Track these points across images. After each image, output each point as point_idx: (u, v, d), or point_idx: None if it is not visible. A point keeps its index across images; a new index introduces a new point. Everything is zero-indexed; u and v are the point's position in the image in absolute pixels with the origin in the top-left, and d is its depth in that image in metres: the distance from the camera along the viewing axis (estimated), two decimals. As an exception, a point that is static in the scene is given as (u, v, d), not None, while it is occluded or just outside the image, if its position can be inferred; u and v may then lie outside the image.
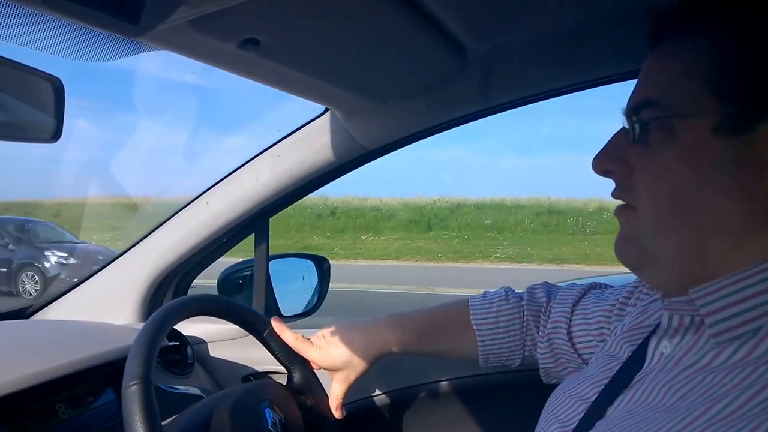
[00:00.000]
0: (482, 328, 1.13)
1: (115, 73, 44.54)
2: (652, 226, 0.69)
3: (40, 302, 1.61)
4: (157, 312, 1.03)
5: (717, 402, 0.60)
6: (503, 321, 1.12)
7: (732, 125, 0.63)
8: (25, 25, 0.72)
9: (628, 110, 0.72)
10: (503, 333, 1.12)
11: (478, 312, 1.14)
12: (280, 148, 1.43)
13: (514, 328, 1.12)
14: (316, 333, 1.22)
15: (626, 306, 0.97)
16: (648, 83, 0.71)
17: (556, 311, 1.08)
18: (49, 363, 1.10)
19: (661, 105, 0.68)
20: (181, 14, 0.77)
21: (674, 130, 0.66)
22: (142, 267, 1.54)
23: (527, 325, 1.12)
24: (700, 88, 0.65)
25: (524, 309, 1.13)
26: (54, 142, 0.85)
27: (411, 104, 1.30)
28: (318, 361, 1.19)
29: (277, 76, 1.09)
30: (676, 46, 0.70)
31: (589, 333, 1.02)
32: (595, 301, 1.04)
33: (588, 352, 1.02)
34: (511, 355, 1.14)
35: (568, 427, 0.79)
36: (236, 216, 1.48)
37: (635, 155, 0.71)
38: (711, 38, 0.66)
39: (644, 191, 0.70)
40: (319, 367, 1.21)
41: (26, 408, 1.05)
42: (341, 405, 1.20)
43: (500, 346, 1.13)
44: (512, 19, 1.01)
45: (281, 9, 0.82)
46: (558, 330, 1.06)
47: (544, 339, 1.09)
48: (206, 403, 1.07)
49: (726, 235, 0.65)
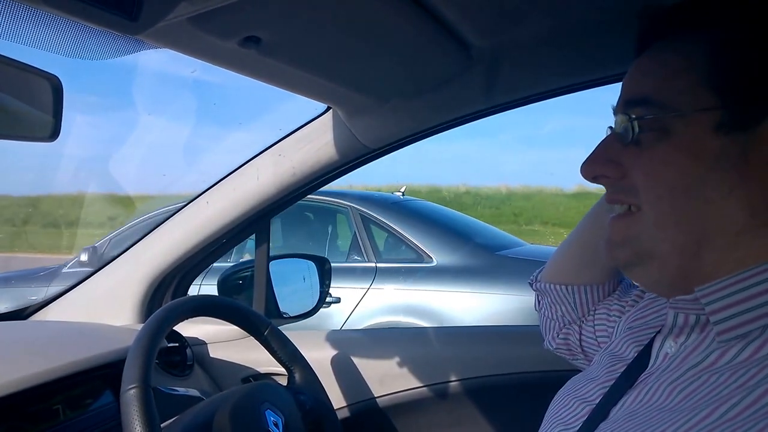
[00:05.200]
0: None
1: (113, 68, 44.68)
2: (652, 224, 0.68)
3: (39, 303, 1.61)
4: (156, 313, 1.03)
5: (723, 403, 0.59)
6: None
7: (735, 122, 0.63)
8: (23, 23, 0.72)
9: (622, 108, 0.71)
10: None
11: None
12: (281, 147, 1.42)
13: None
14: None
15: (641, 299, 0.95)
16: (642, 80, 0.71)
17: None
18: (47, 364, 1.10)
19: (658, 103, 0.67)
20: (181, 11, 0.76)
21: (673, 128, 0.66)
22: (142, 267, 1.54)
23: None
24: (700, 86, 0.64)
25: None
26: (52, 141, 0.85)
27: (414, 103, 1.30)
28: None
29: (279, 74, 1.08)
30: (669, 46, 0.69)
31: (606, 329, 1.00)
32: (619, 294, 1.03)
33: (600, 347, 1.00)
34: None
35: (571, 429, 0.78)
36: (237, 216, 1.47)
37: (629, 156, 0.70)
38: (709, 35, 0.65)
39: (643, 188, 0.69)
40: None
41: (24, 409, 1.04)
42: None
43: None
44: (517, 17, 1.01)
45: (282, 6, 0.81)
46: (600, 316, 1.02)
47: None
48: (206, 405, 1.07)
49: (727, 233, 0.65)
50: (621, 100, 0.73)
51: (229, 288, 1.63)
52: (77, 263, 5.41)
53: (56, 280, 5.20)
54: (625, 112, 0.70)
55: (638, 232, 0.70)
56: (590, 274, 1.04)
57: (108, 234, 5.74)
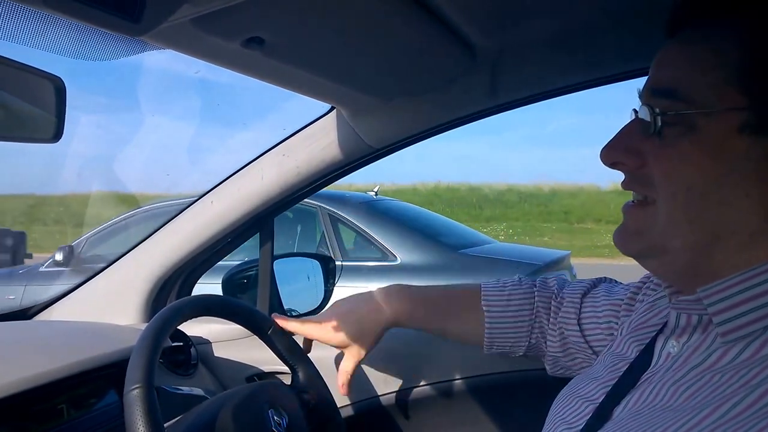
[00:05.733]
0: (492, 309, 1.13)
1: (118, 68, 44.81)
2: (665, 220, 0.68)
3: (43, 302, 1.61)
4: (159, 314, 1.03)
5: (725, 402, 0.60)
6: (514, 305, 1.12)
7: (760, 124, 0.62)
8: (27, 25, 0.72)
9: (647, 96, 0.70)
10: (512, 317, 1.12)
11: (490, 293, 1.14)
12: (285, 147, 1.42)
13: (524, 313, 1.12)
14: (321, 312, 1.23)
15: (634, 302, 0.97)
16: (668, 71, 0.70)
17: (567, 302, 1.08)
18: (52, 364, 1.10)
19: (683, 97, 0.66)
20: (184, 12, 0.76)
21: (697, 124, 0.65)
22: (146, 266, 1.54)
23: (537, 311, 1.12)
24: (727, 84, 0.64)
25: (535, 295, 1.12)
26: (55, 142, 0.85)
27: (418, 102, 1.30)
28: (326, 339, 1.19)
29: (282, 75, 1.08)
30: (700, 36, 0.68)
31: (598, 326, 1.02)
32: (606, 294, 1.04)
33: (598, 345, 1.02)
34: (517, 342, 1.13)
35: (575, 428, 0.78)
36: (241, 215, 1.47)
37: (650, 147, 0.70)
38: (740, 30, 0.65)
39: (660, 183, 0.69)
40: (331, 344, 1.21)
41: (29, 409, 1.05)
42: (348, 382, 1.20)
43: (507, 330, 1.12)
44: (519, 18, 1.01)
45: (285, 7, 0.81)
46: (569, 321, 1.06)
47: (556, 329, 1.08)
48: (209, 404, 1.07)
49: (740, 233, 0.65)
50: (647, 87, 0.72)
51: (234, 287, 1.63)
52: (53, 263, 5.41)
53: (33, 279, 5.21)
54: (649, 103, 0.69)
55: (652, 225, 0.70)
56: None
57: (86, 233, 5.72)
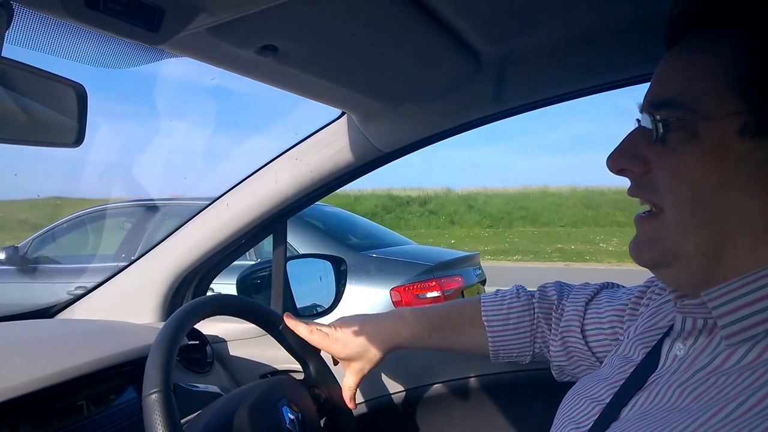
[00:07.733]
0: (492, 325, 1.15)
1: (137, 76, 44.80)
2: (672, 225, 0.69)
3: (65, 302, 1.65)
4: (174, 314, 1.04)
5: (729, 403, 0.60)
6: (513, 318, 1.14)
7: (760, 127, 0.63)
8: (51, 35, 0.74)
9: (647, 108, 0.71)
10: (513, 330, 1.14)
11: (489, 308, 1.16)
12: (297, 151, 1.44)
13: (524, 325, 1.13)
14: (329, 324, 1.24)
15: (639, 306, 0.97)
16: (667, 81, 0.70)
17: (569, 310, 1.08)
18: (73, 361, 1.12)
19: (682, 105, 0.67)
20: (201, 22, 0.78)
21: (697, 130, 0.65)
22: (164, 267, 1.57)
23: (537, 322, 1.13)
24: (725, 89, 0.64)
25: (535, 306, 1.14)
26: (76, 147, 0.87)
27: (426, 107, 1.31)
28: (332, 351, 1.21)
29: (294, 81, 1.10)
30: (697, 45, 0.69)
31: (602, 332, 1.02)
32: (608, 300, 1.04)
33: (602, 351, 1.02)
34: (521, 352, 1.15)
35: (582, 428, 0.79)
36: (255, 217, 1.50)
37: (654, 153, 0.70)
38: (735, 38, 0.65)
39: (664, 189, 0.69)
40: (335, 356, 1.23)
41: (51, 405, 1.07)
42: (353, 396, 1.23)
43: (510, 342, 1.14)
44: (524, 24, 1.01)
45: (298, 16, 0.83)
46: (571, 328, 1.07)
47: (558, 337, 1.09)
48: (225, 402, 1.08)
49: (747, 235, 0.65)
50: (646, 100, 0.72)
51: (248, 287, 1.65)
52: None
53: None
54: (651, 111, 0.70)
55: (663, 234, 0.70)
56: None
57: (33, 234, 5.69)
